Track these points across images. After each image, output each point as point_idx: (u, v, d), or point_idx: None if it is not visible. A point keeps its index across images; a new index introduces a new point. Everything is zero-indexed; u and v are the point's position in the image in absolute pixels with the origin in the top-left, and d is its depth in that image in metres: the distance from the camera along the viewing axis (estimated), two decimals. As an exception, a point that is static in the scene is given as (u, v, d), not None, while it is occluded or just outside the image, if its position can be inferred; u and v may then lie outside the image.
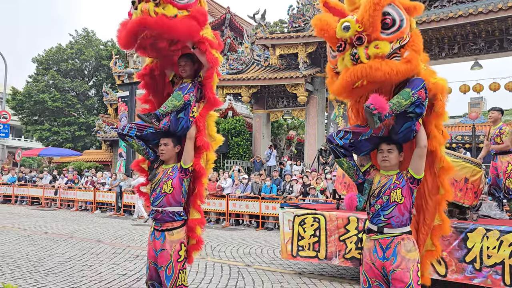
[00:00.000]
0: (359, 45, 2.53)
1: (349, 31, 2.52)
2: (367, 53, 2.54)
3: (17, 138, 47.51)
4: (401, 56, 2.64)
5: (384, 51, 2.55)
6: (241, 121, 19.03)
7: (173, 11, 2.99)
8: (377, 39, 2.56)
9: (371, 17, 2.51)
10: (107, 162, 24.77)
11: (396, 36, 2.61)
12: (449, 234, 4.88)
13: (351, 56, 2.56)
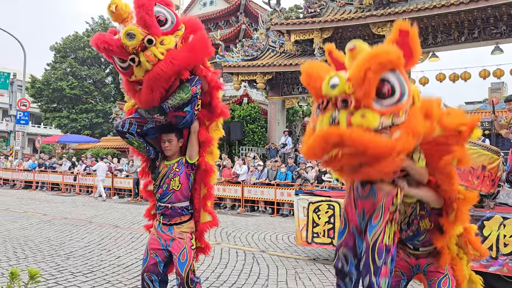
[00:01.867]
0: (343, 108, 2.03)
1: (335, 90, 2.04)
2: (349, 120, 2.02)
3: (37, 125, 48.43)
4: (390, 134, 2.11)
5: (371, 124, 2.02)
6: (256, 108, 19.03)
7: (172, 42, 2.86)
8: (367, 107, 2.04)
9: (366, 80, 2.00)
10: (124, 148, 25.10)
11: (391, 111, 2.09)
12: (465, 222, 4.85)
13: (330, 118, 2.06)
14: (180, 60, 2.83)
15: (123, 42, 2.66)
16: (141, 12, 2.70)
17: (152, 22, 2.73)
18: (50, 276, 4.86)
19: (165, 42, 2.79)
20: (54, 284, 4.57)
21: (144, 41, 2.70)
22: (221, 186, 13.21)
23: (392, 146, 2.03)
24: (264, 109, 20.64)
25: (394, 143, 2.03)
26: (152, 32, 2.74)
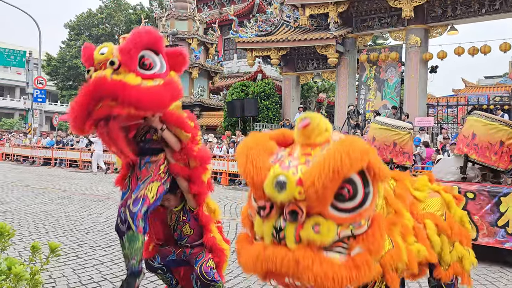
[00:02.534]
0: (291, 222, 1.57)
1: (282, 194, 1.55)
2: (298, 234, 1.57)
3: (54, 103, 49.06)
4: (348, 250, 1.64)
5: (325, 239, 1.58)
6: (271, 84, 18.90)
7: (135, 81, 2.52)
8: (322, 215, 1.58)
9: (323, 188, 1.52)
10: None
11: (351, 219, 1.63)
12: (481, 198, 4.82)
13: (273, 230, 1.59)
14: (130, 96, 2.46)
15: (94, 52, 2.56)
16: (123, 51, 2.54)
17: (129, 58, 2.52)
18: (70, 250, 5.01)
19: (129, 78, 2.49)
20: (74, 258, 4.71)
21: (108, 60, 2.48)
22: (235, 163, 13.29)
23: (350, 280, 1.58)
24: (278, 85, 20.49)
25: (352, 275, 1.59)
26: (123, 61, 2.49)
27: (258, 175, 1.63)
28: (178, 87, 2.76)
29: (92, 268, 4.33)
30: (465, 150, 5.22)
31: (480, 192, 4.83)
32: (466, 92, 26.24)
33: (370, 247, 1.64)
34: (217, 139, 16.54)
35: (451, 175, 5.40)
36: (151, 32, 2.67)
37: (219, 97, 24.93)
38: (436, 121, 16.64)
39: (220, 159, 13.93)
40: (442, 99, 20.80)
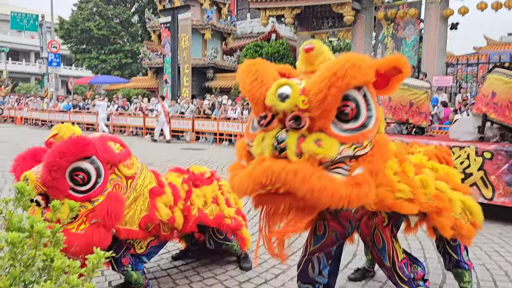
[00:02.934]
0: (294, 129, 1.53)
1: (285, 102, 1.53)
2: (300, 146, 1.53)
3: (68, 67, 49.27)
4: (348, 171, 1.64)
5: (327, 154, 1.55)
6: (285, 45, 18.55)
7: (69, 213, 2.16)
8: (324, 131, 1.56)
9: (327, 95, 1.51)
10: (153, 89, 25.38)
11: (354, 138, 1.61)
12: (498, 158, 4.75)
13: (274, 140, 1.55)
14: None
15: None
16: (45, 170, 2.22)
17: (52, 184, 2.22)
18: (91, 210, 5.16)
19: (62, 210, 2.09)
20: (95, 217, 4.87)
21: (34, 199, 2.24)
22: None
23: (349, 198, 1.55)
24: (293, 45, 20.08)
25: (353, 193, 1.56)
26: (50, 193, 2.24)
27: (260, 87, 1.62)
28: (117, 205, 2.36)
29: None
30: (484, 109, 5.11)
31: (498, 152, 4.76)
32: (487, 50, 25.36)
33: (371, 167, 1.64)
34: (231, 101, 16.49)
35: (468, 135, 5.31)
36: (74, 142, 2.30)
37: (233, 58, 24.62)
38: (455, 80, 16.23)
39: (235, 121, 13.94)
40: (462, 58, 20.17)
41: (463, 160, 5.01)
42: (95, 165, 2.35)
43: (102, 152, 2.39)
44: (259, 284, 3.23)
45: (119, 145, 2.54)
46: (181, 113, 15.90)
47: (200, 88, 23.09)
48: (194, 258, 3.73)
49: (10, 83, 31.00)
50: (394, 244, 2.24)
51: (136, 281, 2.82)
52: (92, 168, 2.34)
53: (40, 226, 1.37)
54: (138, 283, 2.83)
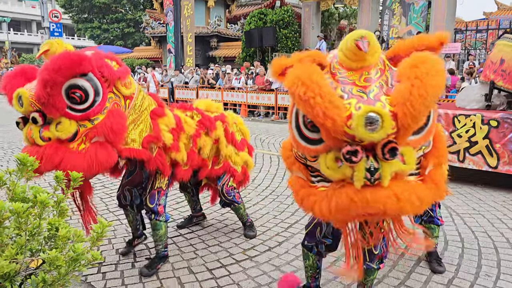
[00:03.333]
0: (389, 160, 1.41)
1: (377, 133, 1.38)
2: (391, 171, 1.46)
3: (71, 37, 48.73)
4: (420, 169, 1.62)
5: (412, 167, 1.51)
6: (290, 12, 18.12)
7: (70, 128, 2.18)
8: (404, 144, 1.49)
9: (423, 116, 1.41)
10: (157, 58, 25.12)
11: (424, 139, 1.55)
12: (505, 126, 4.71)
13: (367, 172, 1.43)
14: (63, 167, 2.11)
15: (13, 102, 2.23)
16: (39, 85, 2.11)
17: (49, 100, 2.12)
18: (97, 180, 5.23)
19: (59, 128, 2.17)
20: (101, 187, 4.94)
21: (30, 116, 2.18)
22: (254, 94, 13.23)
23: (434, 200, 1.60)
24: (298, 12, 19.63)
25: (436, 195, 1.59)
26: (47, 111, 2.16)
27: (339, 115, 1.39)
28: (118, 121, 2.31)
29: (118, 197, 4.54)
30: (491, 76, 5.02)
31: (504, 120, 4.71)
32: (498, 15, 24.67)
33: (440, 160, 1.63)
34: (235, 71, 16.33)
35: (475, 103, 5.24)
36: (68, 55, 2.14)
37: (237, 26, 24.18)
38: (464, 47, 15.90)
39: (239, 91, 13.84)
40: (472, 24, 19.67)
41: (468, 128, 4.96)
42: (92, 83, 2.21)
43: (99, 68, 2.26)
44: (262, 251, 3.29)
45: (115, 63, 2.40)
46: (185, 83, 15.79)
47: (204, 58, 22.82)
48: (199, 227, 3.79)
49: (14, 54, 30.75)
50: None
51: (162, 237, 2.87)
52: (89, 85, 2.20)
53: (43, 197, 1.39)
54: (162, 239, 2.88)
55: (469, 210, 4.28)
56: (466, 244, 3.43)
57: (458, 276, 2.90)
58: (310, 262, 2.40)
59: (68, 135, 2.17)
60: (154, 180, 2.83)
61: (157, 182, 2.82)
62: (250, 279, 2.85)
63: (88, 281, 2.80)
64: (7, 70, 26.13)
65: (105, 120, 2.26)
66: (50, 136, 2.17)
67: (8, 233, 1.40)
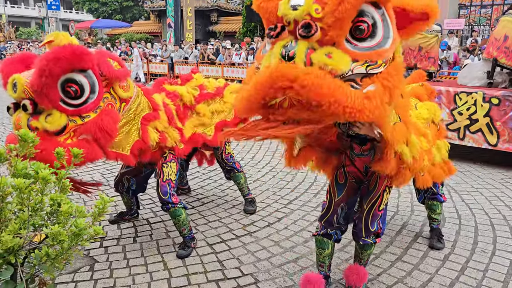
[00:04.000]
0: (303, 38, 1.44)
1: (297, 10, 1.45)
2: (309, 57, 1.44)
3: (69, 11, 47.96)
4: (361, 87, 1.55)
5: (338, 67, 1.46)
6: (291, -15, 17.82)
7: (60, 121, 2.17)
8: (337, 45, 1.47)
9: (342, 5, 1.42)
10: (156, 33, 24.80)
11: (368, 56, 1.53)
12: (506, 104, 4.69)
13: (283, 49, 1.46)
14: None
15: (7, 88, 2.20)
16: (36, 75, 2.08)
17: (43, 91, 2.09)
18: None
19: (49, 120, 2.16)
20: (102, 163, 4.96)
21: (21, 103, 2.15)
22: (255, 70, 13.11)
23: (361, 107, 1.47)
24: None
25: (364, 103, 1.48)
26: (39, 101, 2.13)
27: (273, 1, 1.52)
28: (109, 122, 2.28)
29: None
30: (494, 53, 4.97)
31: (506, 97, 4.69)
32: (503, -10, 24.21)
33: (386, 83, 1.54)
34: (236, 46, 16.14)
35: (477, 80, 5.22)
36: (71, 49, 2.13)
37: (237, 1, 23.80)
38: (468, 23, 15.66)
39: (239, 66, 13.72)
40: (476, -1, 19.33)
41: (469, 106, 4.95)
42: (90, 80, 2.21)
43: (100, 65, 2.25)
44: (262, 227, 3.33)
45: (117, 64, 2.37)
46: (184, 58, 15.64)
47: (204, 32, 22.53)
48: (199, 203, 3.83)
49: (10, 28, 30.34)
50: (384, 194, 2.27)
51: (184, 221, 2.87)
52: (86, 82, 2.20)
53: (45, 173, 1.40)
54: (185, 223, 2.88)
55: (468, 187, 4.32)
56: (463, 221, 3.48)
57: (454, 252, 2.95)
58: (330, 251, 2.41)
59: (57, 127, 2.16)
60: (161, 173, 2.83)
61: (165, 175, 2.83)
62: (249, 254, 2.90)
63: (91, 255, 2.85)
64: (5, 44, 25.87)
65: (96, 119, 2.25)
66: (37, 126, 2.14)
67: (11, 208, 1.41)
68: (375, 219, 2.26)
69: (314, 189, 4.19)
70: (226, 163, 3.57)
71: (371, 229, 2.26)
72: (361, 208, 2.32)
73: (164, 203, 2.81)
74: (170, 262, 2.78)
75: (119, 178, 3.16)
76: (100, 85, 2.27)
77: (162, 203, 2.83)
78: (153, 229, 3.27)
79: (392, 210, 3.65)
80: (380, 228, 2.30)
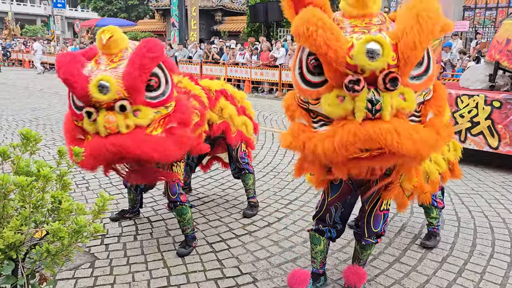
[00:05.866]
0: (389, 90, 1.47)
1: (377, 61, 1.44)
2: (392, 105, 1.49)
3: (74, 9, 48.16)
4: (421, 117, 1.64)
5: (411, 106, 1.53)
6: (296, -14, 17.81)
7: (150, 115, 2.17)
8: (405, 85, 1.51)
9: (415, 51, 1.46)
10: (161, 32, 24.87)
11: (424, 85, 1.59)
12: (507, 107, 4.70)
13: (368, 103, 1.47)
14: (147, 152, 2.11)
15: (90, 90, 2.05)
16: (135, 72, 2.06)
17: (140, 87, 2.10)
18: (100, 154, 5.29)
19: (140, 115, 2.15)
20: (104, 161, 4.99)
21: (116, 104, 2.08)
22: (258, 70, 13.15)
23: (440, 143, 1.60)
24: (304, -14, 19.27)
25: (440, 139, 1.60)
26: (133, 98, 2.10)
27: (337, 46, 1.46)
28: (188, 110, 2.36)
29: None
30: (496, 57, 4.97)
31: (507, 100, 4.69)
32: (509, -8, 24.10)
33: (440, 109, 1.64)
34: (240, 46, 16.17)
35: (479, 83, 5.22)
36: (158, 43, 2.19)
37: (242, 0, 23.83)
38: (472, 25, 15.62)
39: (243, 66, 13.75)
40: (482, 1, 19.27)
41: (471, 108, 4.96)
42: (163, 71, 2.25)
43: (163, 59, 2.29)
44: (262, 226, 3.36)
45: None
46: (188, 57, 15.68)
47: (208, 32, 22.57)
48: (200, 201, 3.86)
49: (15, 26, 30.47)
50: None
51: (189, 220, 2.90)
52: (162, 73, 2.23)
53: (46, 171, 1.43)
54: (190, 223, 2.92)
55: (468, 190, 4.32)
56: (462, 224, 3.49)
57: (452, 254, 2.96)
58: (321, 247, 2.43)
59: (148, 122, 2.16)
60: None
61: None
62: (249, 253, 2.93)
63: (92, 252, 2.89)
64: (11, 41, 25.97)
65: (176, 108, 2.29)
66: (130, 123, 2.11)
67: (13, 205, 1.45)
68: (377, 219, 2.28)
69: (314, 190, 4.21)
70: (240, 162, 3.53)
71: (374, 229, 2.29)
72: (363, 210, 2.34)
73: (170, 203, 2.85)
74: (169, 260, 2.81)
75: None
76: (170, 75, 2.31)
77: (169, 202, 2.86)
78: (154, 227, 3.30)
79: (392, 212, 3.66)
80: (384, 231, 2.34)
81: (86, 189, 4.05)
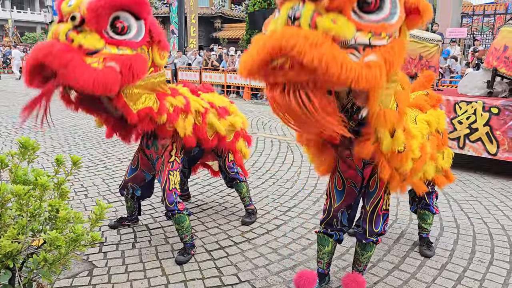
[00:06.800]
0: (311, 1, 1.45)
1: None
2: (315, 20, 1.45)
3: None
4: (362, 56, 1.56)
5: (341, 33, 1.47)
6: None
7: (97, 44, 2.19)
8: (343, 13, 1.48)
9: None
10: (160, 39, 24.95)
11: (372, 28, 1.54)
12: (505, 114, 4.71)
13: (289, 11, 1.48)
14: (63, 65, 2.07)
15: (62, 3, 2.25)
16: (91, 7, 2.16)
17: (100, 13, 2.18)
18: (99, 161, 5.29)
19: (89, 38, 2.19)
20: (103, 169, 5.00)
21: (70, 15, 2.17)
22: (257, 77, 13.16)
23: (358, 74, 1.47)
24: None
25: (362, 71, 1.48)
26: (87, 19, 2.16)
27: None
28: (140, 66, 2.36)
29: (120, 179, 4.59)
30: (494, 63, 4.99)
31: (506, 107, 4.70)
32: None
33: (386, 56, 1.54)
34: (239, 53, 16.23)
35: (477, 90, 5.23)
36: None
37: (241, 7, 23.95)
38: (470, 32, 15.70)
39: (242, 73, 13.75)
40: (480, 8, 19.38)
41: (469, 115, 4.97)
42: (139, 27, 2.35)
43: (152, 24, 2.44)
44: (261, 234, 3.35)
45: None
46: (188, 64, 15.73)
47: (207, 39, 22.66)
48: (199, 209, 3.86)
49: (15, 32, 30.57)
50: (384, 195, 2.31)
51: (187, 228, 2.90)
52: (135, 26, 2.33)
53: (44, 179, 1.43)
54: (188, 231, 2.92)
55: (467, 196, 4.32)
56: (462, 230, 3.48)
57: (451, 261, 2.96)
58: (329, 248, 2.48)
59: (91, 47, 2.18)
60: (167, 181, 2.86)
61: (171, 184, 2.85)
62: (247, 261, 2.92)
63: (90, 260, 2.88)
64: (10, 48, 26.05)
65: (130, 56, 2.30)
66: (74, 38, 2.15)
67: (10, 214, 1.44)
68: (379, 219, 2.31)
69: (313, 197, 4.21)
70: (228, 172, 3.52)
71: (375, 230, 2.32)
72: (364, 210, 2.36)
73: (168, 211, 2.85)
74: (168, 268, 2.80)
75: (123, 184, 3.19)
76: (145, 36, 2.39)
77: (167, 210, 2.85)
78: (152, 235, 3.30)
79: (391, 219, 3.66)
80: (384, 230, 2.36)
81: (85, 197, 4.04)
